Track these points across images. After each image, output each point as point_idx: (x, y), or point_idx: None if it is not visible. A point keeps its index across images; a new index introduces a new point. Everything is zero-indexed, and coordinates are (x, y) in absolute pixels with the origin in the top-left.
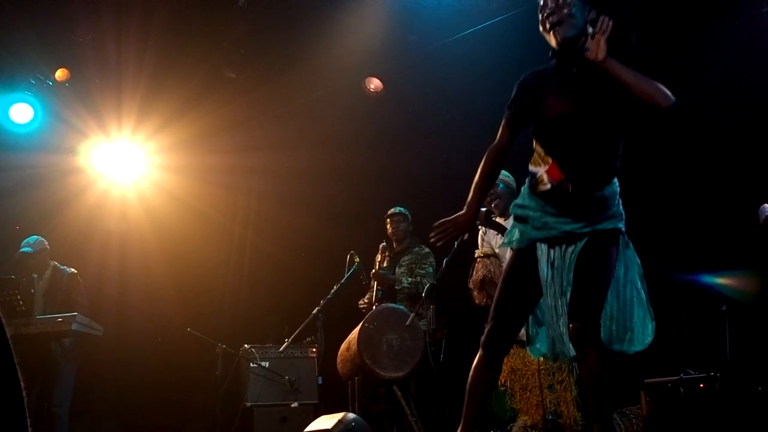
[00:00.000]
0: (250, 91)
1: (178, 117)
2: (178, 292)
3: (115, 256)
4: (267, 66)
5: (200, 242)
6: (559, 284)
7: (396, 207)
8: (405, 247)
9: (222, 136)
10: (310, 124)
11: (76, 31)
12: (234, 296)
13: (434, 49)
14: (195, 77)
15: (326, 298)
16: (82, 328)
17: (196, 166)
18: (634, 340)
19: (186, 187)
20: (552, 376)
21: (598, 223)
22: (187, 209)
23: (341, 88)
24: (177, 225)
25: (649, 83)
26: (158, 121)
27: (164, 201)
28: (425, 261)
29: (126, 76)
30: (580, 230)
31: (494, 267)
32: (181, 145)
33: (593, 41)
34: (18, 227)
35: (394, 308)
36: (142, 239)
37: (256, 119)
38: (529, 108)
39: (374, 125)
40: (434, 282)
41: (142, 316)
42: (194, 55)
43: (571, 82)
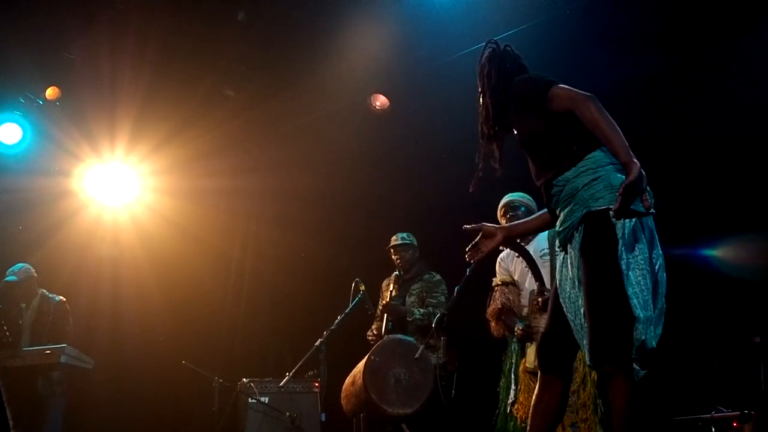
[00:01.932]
0: (249, 110)
1: (173, 137)
2: (173, 321)
3: (107, 284)
4: (267, 84)
5: (196, 269)
6: (568, 300)
7: (398, 234)
8: (414, 275)
9: (220, 157)
10: (313, 144)
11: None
12: (232, 326)
13: (444, 64)
14: (192, 95)
15: (330, 328)
16: (71, 361)
17: (193, 189)
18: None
19: (182, 211)
20: (575, 414)
21: (569, 216)
22: (182, 234)
23: (345, 106)
24: (172, 250)
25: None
26: (153, 141)
27: (159, 225)
28: (437, 289)
29: (119, 95)
30: (560, 229)
31: (513, 295)
32: (177, 166)
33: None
34: (21, 227)
35: (402, 340)
36: (136, 266)
37: (256, 139)
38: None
39: (380, 145)
40: (445, 312)
41: (136, 347)
42: (191, 73)
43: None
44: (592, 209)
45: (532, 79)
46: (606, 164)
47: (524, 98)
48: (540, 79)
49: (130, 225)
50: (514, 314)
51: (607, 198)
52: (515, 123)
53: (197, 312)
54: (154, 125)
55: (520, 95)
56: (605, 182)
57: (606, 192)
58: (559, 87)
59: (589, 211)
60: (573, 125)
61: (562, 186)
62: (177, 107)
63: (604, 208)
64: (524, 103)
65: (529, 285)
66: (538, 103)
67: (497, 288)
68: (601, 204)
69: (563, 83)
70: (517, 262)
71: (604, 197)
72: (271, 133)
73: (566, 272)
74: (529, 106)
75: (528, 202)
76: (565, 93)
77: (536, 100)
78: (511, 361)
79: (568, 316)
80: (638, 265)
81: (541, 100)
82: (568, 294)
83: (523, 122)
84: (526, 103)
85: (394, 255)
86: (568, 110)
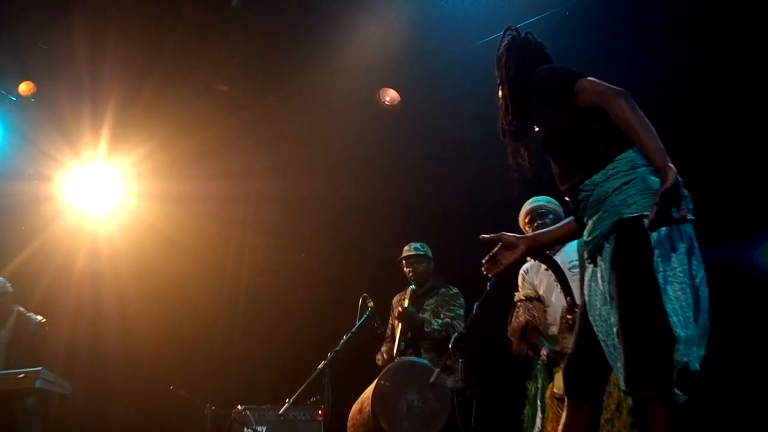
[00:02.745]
0: (244, 107)
1: (160, 137)
2: (160, 341)
3: (87, 300)
4: (264, 77)
5: (187, 283)
6: (598, 317)
7: (411, 244)
8: (428, 289)
9: (213, 159)
10: (315, 145)
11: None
12: (226, 347)
13: (461, 55)
14: (181, 90)
15: (334, 349)
16: (47, 386)
17: (183, 194)
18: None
19: (170, 218)
20: None
21: (598, 224)
22: (171, 244)
23: (351, 103)
24: (159, 263)
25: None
26: (138, 141)
27: (144, 234)
28: (454, 302)
29: (101, 90)
30: (588, 239)
31: (538, 312)
32: (165, 168)
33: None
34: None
35: (415, 362)
36: (119, 280)
37: (252, 139)
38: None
39: (390, 145)
40: (463, 330)
41: (119, 370)
42: (180, 65)
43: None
44: (624, 216)
45: (556, 70)
46: (639, 166)
47: (546, 92)
48: (564, 70)
49: (113, 234)
50: (540, 333)
51: (641, 204)
52: (536, 119)
53: (187, 331)
54: (139, 123)
55: (541, 88)
56: (638, 186)
57: (639, 197)
58: (586, 80)
59: (620, 218)
60: (602, 123)
61: (589, 191)
62: (165, 103)
63: (638, 215)
64: (546, 97)
65: (556, 300)
66: (562, 97)
67: (520, 304)
68: (634, 210)
69: (590, 76)
70: (543, 275)
71: (637, 203)
72: (269, 132)
73: (596, 286)
74: (552, 101)
75: (556, 209)
76: (593, 87)
77: (560, 94)
78: (537, 386)
79: (598, 336)
80: (677, 278)
81: (565, 95)
82: (598, 311)
83: (546, 118)
84: (548, 97)
85: (406, 267)
86: (596, 106)
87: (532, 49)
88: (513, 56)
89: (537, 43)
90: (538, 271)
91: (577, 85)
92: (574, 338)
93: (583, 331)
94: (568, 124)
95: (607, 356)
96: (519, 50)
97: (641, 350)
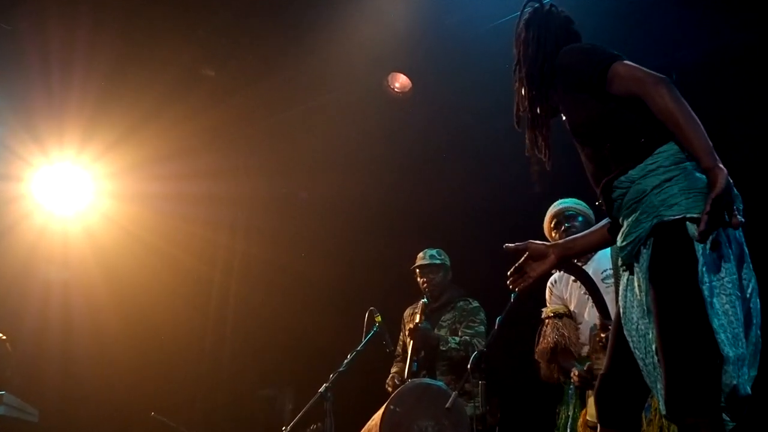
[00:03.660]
0: (233, 95)
1: (137, 129)
2: (139, 362)
3: (55, 315)
4: (257, 61)
5: (168, 295)
6: (635, 332)
7: (426, 251)
8: (445, 303)
9: (196, 155)
10: (315, 138)
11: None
12: (214, 367)
13: (481, 35)
14: (161, 77)
15: (338, 370)
16: (10, 412)
17: (162, 195)
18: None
19: (148, 222)
20: None
21: (635, 227)
22: (149, 251)
23: (355, 90)
24: (137, 272)
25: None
26: (112, 135)
27: (119, 240)
28: (474, 318)
29: (71, 76)
30: (623, 244)
31: (569, 330)
32: (142, 166)
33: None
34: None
35: (429, 385)
36: (91, 292)
37: (243, 132)
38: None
39: (400, 138)
40: (484, 349)
41: (93, 394)
42: (161, 49)
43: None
44: (665, 219)
45: (586, 50)
46: (683, 160)
47: (576, 76)
48: (596, 51)
49: (83, 240)
50: (571, 354)
51: (684, 204)
52: (563, 106)
53: (170, 350)
54: (113, 115)
55: (569, 71)
56: (681, 184)
57: (682, 197)
58: (621, 64)
59: (660, 221)
60: (640, 112)
61: (625, 188)
62: (143, 91)
63: (680, 217)
64: (575, 82)
65: (589, 316)
66: (594, 83)
67: (548, 321)
68: (676, 212)
69: (627, 59)
70: (574, 287)
71: (679, 203)
72: (262, 124)
73: (632, 297)
74: (581, 87)
75: (585, 211)
76: (630, 73)
77: (592, 79)
78: (567, 414)
79: (635, 354)
80: (725, 290)
81: (598, 80)
82: (635, 325)
83: (574, 106)
84: (577, 82)
85: (420, 277)
86: (633, 95)
87: (556, 24)
88: (533, 32)
89: (563, 18)
90: (568, 283)
91: (612, 70)
92: (608, 356)
93: (617, 347)
94: (601, 112)
95: (645, 377)
96: (541, 26)
97: (684, 372)
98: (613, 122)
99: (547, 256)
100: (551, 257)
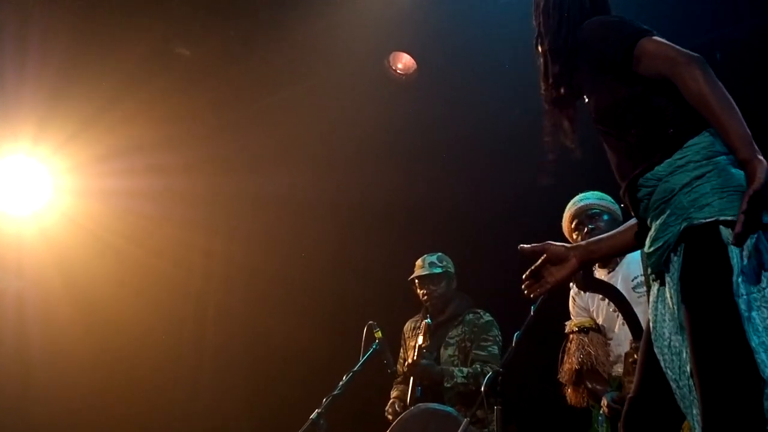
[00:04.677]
0: (211, 76)
1: (102, 116)
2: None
3: (9, 331)
4: (237, 38)
5: (139, 306)
6: (667, 350)
7: (425, 258)
8: (451, 316)
9: (170, 146)
10: (305, 126)
11: None
12: (191, 389)
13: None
14: (129, 56)
15: (331, 394)
16: None
17: (131, 191)
18: None
19: (115, 223)
20: None
21: (662, 230)
22: (117, 256)
23: (352, 71)
24: (102, 280)
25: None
26: (73, 124)
27: (81, 243)
28: (487, 335)
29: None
30: (651, 250)
31: (597, 347)
32: (107, 159)
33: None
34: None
35: (436, 410)
36: (50, 303)
37: (222, 119)
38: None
39: (402, 126)
40: (499, 369)
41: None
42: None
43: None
44: (695, 222)
45: (612, 24)
46: (716, 154)
47: (599, 53)
48: (623, 25)
49: (40, 243)
50: (599, 376)
51: (717, 205)
52: (586, 86)
53: (141, 369)
54: (74, 100)
55: (592, 47)
56: (714, 181)
57: (715, 197)
58: (650, 40)
59: (690, 224)
60: (671, 97)
61: (652, 187)
62: (109, 75)
63: (713, 219)
64: (598, 62)
65: (620, 330)
66: (619, 60)
67: (573, 337)
68: (708, 214)
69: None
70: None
71: (711, 204)
72: (244, 111)
73: (663, 310)
74: (604, 67)
75: (611, 207)
76: (659, 50)
77: (617, 57)
78: None
79: (667, 375)
80: (766, 303)
81: (624, 57)
82: (666, 341)
83: (597, 89)
84: (600, 61)
85: (419, 289)
86: (662, 76)
87: None
88: (556, 1)
89: None
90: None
91: (639, 47)
92: (636, 376)
93: (647, 366)
94: (626, 96)
95: (678, 401)
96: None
97: (721, 396)
98: (639, 109)
99: (568, 260)
100: (572, 261)
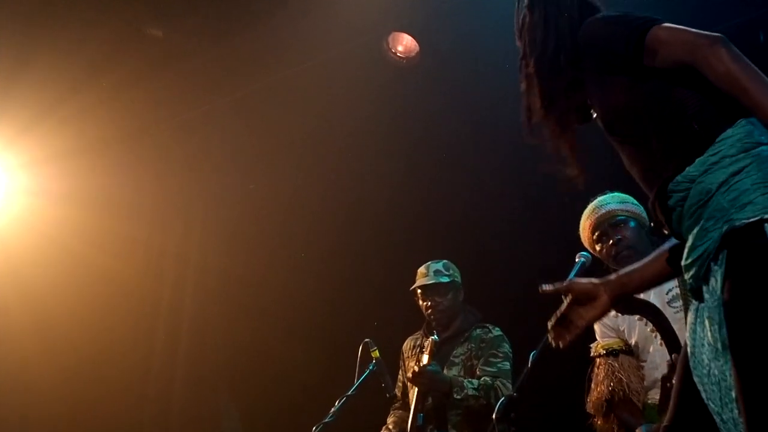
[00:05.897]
0: (185, 60)
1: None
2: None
3: None
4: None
5: (104, 319)
6: (707, 379)
7: (429, 266)
8: (457, 332)
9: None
10: (293, 116)
11: None
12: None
13: None
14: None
15: (322, 422)
16: None
17: (93, 191)
18: None
19: (76, 226)
20: None
21: (700, 238)
22: (78, 263)
23: (348, 53)
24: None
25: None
26: (26, 114)
27: (38, 248)
28: (497, 351)
29: None
30: (688, 262)
31: (628, 373)
32: (67, 154)
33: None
34: None
35: None
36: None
37: (199, 109)
38: None
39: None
40: (513, 393)
41: None
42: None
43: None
44: (737, 224)
45: (613, 19)
46: (754, 145)
47: (603, 53)
48: (627, 17)
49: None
50: (633, 405)
51: (760, 202)
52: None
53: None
54: (28, 88)
55: (597, 47)
56: (754, 176)
57: (757, 192)
58: (661, 27)
59: (732, 227)
60: (692, 88)
61: (684, 191)
62: (70, 61)
63: (756, 219)
64: (607, 60)
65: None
66: (630, 56)
67: (601, 361)
68: (750, 213)
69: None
70: None
71: (754, 201)
72: (225, 99)
73: (702, 333)
74: (613, 67)
75: (636, 211)
76: (675, 36)
77: (628, 51)
78: None
79: (708, 405)
80: None
81: (634, 50)
82: (706, 369)
83: (606, 93)
84: (610, 58)
85: (422, 300)
86: (682, 64)
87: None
88: (539, 15)
89: None
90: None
91: (650, 36)
92: (672, 404)
93: (684, 393)
94: (642, 95)
95: None
96: (548, 4)
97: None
98: (657, 107)
99: (598, 298)
100: (603, 298)
